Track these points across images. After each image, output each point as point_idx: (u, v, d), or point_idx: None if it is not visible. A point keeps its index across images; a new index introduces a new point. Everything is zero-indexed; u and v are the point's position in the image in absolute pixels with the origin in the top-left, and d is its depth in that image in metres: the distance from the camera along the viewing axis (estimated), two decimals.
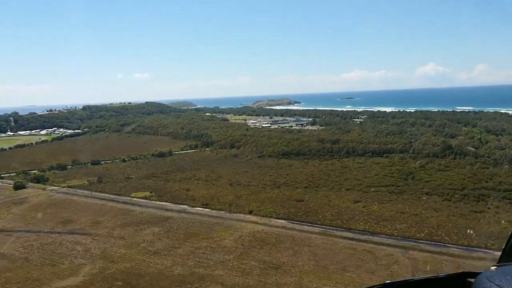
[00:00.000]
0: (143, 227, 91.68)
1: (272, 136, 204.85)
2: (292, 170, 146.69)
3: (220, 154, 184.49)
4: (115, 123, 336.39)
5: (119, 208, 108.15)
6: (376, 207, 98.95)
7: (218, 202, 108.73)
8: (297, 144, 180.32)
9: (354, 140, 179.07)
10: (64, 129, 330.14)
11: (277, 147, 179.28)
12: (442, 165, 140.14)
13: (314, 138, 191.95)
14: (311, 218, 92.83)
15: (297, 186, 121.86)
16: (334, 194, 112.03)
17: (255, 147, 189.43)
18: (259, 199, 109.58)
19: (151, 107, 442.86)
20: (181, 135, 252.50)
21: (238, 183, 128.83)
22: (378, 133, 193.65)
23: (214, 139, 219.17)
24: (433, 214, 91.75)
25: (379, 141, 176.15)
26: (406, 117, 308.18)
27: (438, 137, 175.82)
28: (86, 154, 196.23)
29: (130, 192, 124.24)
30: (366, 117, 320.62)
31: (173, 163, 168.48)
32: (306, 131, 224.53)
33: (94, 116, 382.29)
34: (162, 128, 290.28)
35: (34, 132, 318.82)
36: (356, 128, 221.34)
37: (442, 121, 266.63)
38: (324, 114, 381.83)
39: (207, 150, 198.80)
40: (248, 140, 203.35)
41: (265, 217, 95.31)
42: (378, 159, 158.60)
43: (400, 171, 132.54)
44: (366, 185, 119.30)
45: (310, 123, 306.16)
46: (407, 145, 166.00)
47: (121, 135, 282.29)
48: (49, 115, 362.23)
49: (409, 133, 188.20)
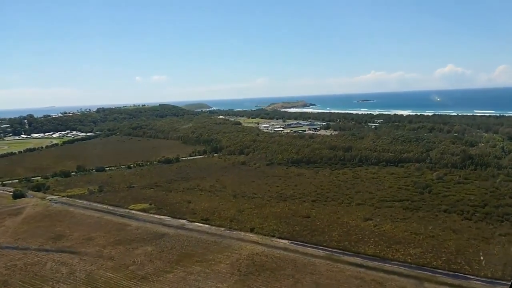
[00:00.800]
0: (136, 246, 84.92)
1: (283, 142, 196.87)
2: (301, 180, 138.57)
3: (228, 161, 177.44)
4: (127, 126, 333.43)
5: (114, 222, 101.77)
6: (388, 226, 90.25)
7: (218, 217, 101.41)
8: (308, 151, 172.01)
9: (368, 148, 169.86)
10: (77, 131, 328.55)
11: (287, 154, 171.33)
12: (461, 176, 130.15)
13: (326, 145, 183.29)
14: (316, 238, 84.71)
15: (304, 200, 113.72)
16: (343, 210, 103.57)
17: (265, 153, 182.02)
18: (262, 214, 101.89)
19: (165, 110, 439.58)
20: (191, 140, 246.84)
21: (242, 195, 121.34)
22: (393, 140, 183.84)
23: (224, 145, 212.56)
24: (451, 237, 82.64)
25: (394, 149, 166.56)
26: (423, 121, 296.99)
27: (457, 146, 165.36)
28: (93, 159, 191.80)
29: (130, 203, 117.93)
30: (382, 122, 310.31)
31: (179, 171, 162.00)
32: (318, 136, 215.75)
33: (107, 118, 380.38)
34: (173, 132, 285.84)
35: (47, 135, 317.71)
36: (370, 134, 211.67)
37: (461, 126, 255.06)
38: (338, 118, 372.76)
39: (215, 156, 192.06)
40: (258, 146, 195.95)
41: (266, 236, 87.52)
42: (393, 169, 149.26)
43: (416, 184, 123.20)
44: (379, 199, 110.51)
45: (324, 127, 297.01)
46: (424, 154, 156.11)
47: (131, 139, 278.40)
48: (63, 118, 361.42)
49: (426, 140, 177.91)
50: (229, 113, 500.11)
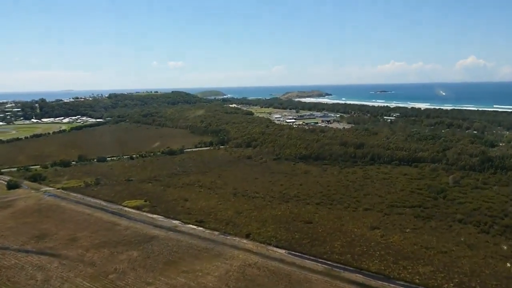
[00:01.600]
0: (121, 250, 78.68)
1: (292, 136, 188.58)
2: (307, 178, 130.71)
3: (234, 155, 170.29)
4: (137, 113, 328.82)
5: (104, 221, 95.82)
6: (396, 237, 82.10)
7: (214, 219, 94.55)
8: (317, 147, 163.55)
9: (381, 145, 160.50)
10: (87, 117, 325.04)
11: (296, 149, 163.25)
12: (479, 181, 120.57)
13: (337, 140, 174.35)
14: (316, 249, 77.17)
15: (308, 202, 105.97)
16: (349, 215, 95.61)
17: (273, 147, 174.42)
18: (261, 217, 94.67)
19: (177, 97, 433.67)
20: (200, 129, 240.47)
21: (243, 194, 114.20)
22: (408, 137, 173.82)
23: (232, 136, 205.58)
24: (466, 253, 74.16)
25: (408, 147, 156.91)
26: (441, 116, 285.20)
27: (476, 146, 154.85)
28: (97, 148, 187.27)
29: (125, 199, 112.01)
30: (398, 115, 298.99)
31: (181, 163, 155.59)
32: (330, 130, 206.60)
33: (118, 104, 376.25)
34: (182, 120, 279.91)
35: (58, 120, 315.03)
36: (384, 129, 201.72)
37: (481, 123, 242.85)
38: (353, 110, 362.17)
39: (221, 149, 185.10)
40: (266, 139, 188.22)
41: (262, 244, 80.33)
42: (406, 169, 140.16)
43: (430, 187, 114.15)
44: (389, 204, 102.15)
45: (337, 120, 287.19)
46: (440, 154, 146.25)
47: (140, 127, 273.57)
48: (74, 103, 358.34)
49: (443, 138, 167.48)
50: (242, 101, 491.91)
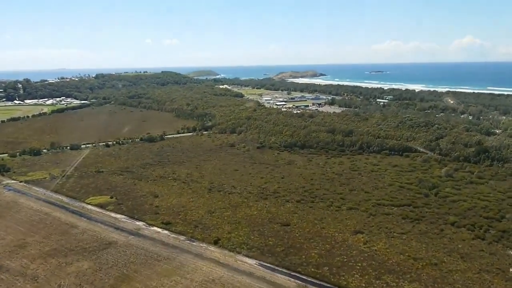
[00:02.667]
0: (72, 260, 69.27)
1: (279, 122, 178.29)
2: (290, 170, 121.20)
3: (216, 142, 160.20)
4: (124, 94, 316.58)
5: (61, 222, 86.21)
6: (382, 244, 73.09)
7: (183, 220, 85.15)
8: (303, 134, 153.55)
9: (371, 133, 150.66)
10: (72, 99, 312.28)
11: (281, 136, 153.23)
12: (475, 174, 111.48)
13: (325, 126, 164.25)
14: (290, 260, 68.06)
15: (288, 199, 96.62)
16: (331, 216, 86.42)
17: (258, 134, 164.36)
18: (235, 218, 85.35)
19: (167, 77, 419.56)
20: (185, 113, 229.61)
21: (219, 188, 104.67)
22: (400, 123, 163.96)
23: (217, 121, 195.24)
24: (458, 266, 65.30)
25: (399, 135, 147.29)
26: (436, 99, 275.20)
27: (472, 134, 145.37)
28: (74, 134, 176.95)
29: (90, 194, 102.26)
30: (391, 98, 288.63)
31: (159, 152, 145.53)
32: (319, 115, 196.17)
33: (105, 85, 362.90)
34: (169, 103, 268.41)
35: (41, 101, 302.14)
36: (376, 114, 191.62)
37: (477, 107, 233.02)
38: (346, 91, 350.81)
39: (204, 135, 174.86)
40: (252, 125, 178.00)
41: (231, 253, 71.14)
42: (396, 159, 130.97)
43: (421, 182, 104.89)
44: (375, 203, 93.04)
45: (329, 102, 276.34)
46: (433, 143, 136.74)
47: (124, 109, 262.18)
48: (59, 83, 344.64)
49: (436, 125, 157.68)
50: (234, 82, 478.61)
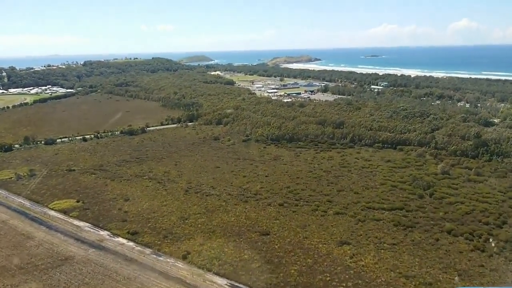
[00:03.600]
0: (18, 282, 60.62)
1: (267, 112, 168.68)
2: (276, 167, 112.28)
3: (200, 134, 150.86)
4: (112, 82, 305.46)
5: (17, 232, 77.31)
6: (370, 257, 64.68)
7: (152, 229, 76.41)
8: (292, 126, 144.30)
9: (363, 124, 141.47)
10: (58, 87, 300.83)
11: (268, 129, 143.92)
12: (473, 171, 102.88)
13: (316, 117, 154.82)
14: (266, 279, 59.61)
15: (270, 202, 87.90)
16: (315, 223, 77.86)
17: (244, 126, 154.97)
18: (209, 226, 76.68)
19: (157, 64, 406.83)
20: (172, 102, 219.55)
21: (197, 190, 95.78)
22: (394, 113, 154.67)
23: (204, 111, 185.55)
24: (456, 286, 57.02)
25: (393, 126, 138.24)
26: (431, 86, 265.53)
27: (469, 125, 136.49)
28: (52, 126, 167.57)
29: (55, 198, 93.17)
30: (386, 84, 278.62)
31: (138, 147, 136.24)
32: (309, 104, 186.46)
33: (93, 73, 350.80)
34: (157, 91, 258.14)
35: (26, 90, 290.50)
36: (369, 103, 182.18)
37: (474, 94, 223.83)
38: (340, 77, 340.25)
39: (189, 127, 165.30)
40: (239, 115, 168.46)
41: (201, 270, 62.61)
42: (390, 153, 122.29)
43: (415, 180, 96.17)
44: (365, 205, 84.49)
45: (322, 89, 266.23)
46: (428, 136, 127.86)
47: (110, 98, 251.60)
48: (45, 71, 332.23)
49: (432, 116, 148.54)
50: (227, 68, 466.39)
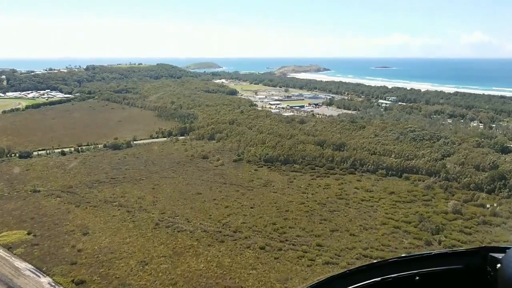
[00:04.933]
0: None
1: (264, 128, 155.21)
2: (264, 195, 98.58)
3: (189, 151, 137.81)
4: (113, 88, 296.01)
5: None
6: None
7: (103, 277, 63.11)
8: (288, 145, 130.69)
9: (365, 147, 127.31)
10: (57, 92, 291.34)
11: (262, 148, 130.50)
12: (489, 211, 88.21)
13: (315, 137, 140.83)
14: None
15: (250, 243, 74.21)
16: (299, 275, 64.11)
17: (238, 142, 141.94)
18: (172, 276, 63.22)
19: (161, 70, 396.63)
20: (168, 112, 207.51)
21: (169, 223, 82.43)
22: (401, 135, 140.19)
23: (198, 124, 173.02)
24: None
25: (399, 150, 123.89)
26: (442, 102, 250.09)
27: (484, 151, 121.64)
28: (35, 136, 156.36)
29: (5, 227, 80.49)
30: (394, 100, 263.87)
31: (118, 164, 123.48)
32: (310, 121, 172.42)
33: (95, 77, 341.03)
34: (155, 100, 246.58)
35: (23, 94, 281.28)
36: (375, 121, 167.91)
37: (488, 113, 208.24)
38: (347, 90, 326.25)
39: (179, 141, 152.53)
40: (234, 130, 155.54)
41: None
42: (394, 182, 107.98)
43: (422, 221, 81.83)
44: (360, 253, 70.46)
45: (327, 103, 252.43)
46: (438, 163, 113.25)
47: (106, 106, 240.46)
48: (45, 75, 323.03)
49: (443, 139, 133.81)
50: (233, 76, 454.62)
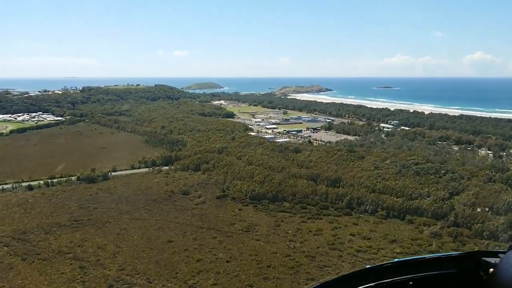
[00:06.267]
0: None
1: (254, 159, 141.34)
2: (244, 245, 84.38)
3: (171, 184, 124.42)
4: (107, 110, 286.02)
5: None
6: None
7: None
8: (278, 180, 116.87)
9: (363, 183, 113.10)
10: (49, 114, 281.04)
11: (248, 183, 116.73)
12: None
13: (308, 170, 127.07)
14: None
15: None
16: None
17: (225, 174, 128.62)
18: None
19: (159, 91, 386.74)
20: (157, 138, 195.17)
21: (124, 284, 68.30)
22: (403, 168, 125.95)
23: (185, 152, 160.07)
24: None
25: (401, 187, 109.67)
26: (447, 127, 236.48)
27: (496, 189, 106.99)
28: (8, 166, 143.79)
29: None
30: (397, 123, 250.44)
31: (88, 202, 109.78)
32: (305, 150, 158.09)
33: (90, 99, 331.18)
34: (147, 123, 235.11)
35: (14, 116, 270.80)
36: (375, 151, 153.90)
37: (497, 139, 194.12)
38: (348, 112, 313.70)
39: (162, 172, 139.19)
40: (222, 160, 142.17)
41: None
42: (396, 227, 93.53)
43: None
44: None
45: (325, 127, 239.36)
46: (445, 204, 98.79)
47: (95, 130, 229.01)
48: (38, 97, 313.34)
49: (450, 173, 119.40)
50: (232, 97, 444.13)
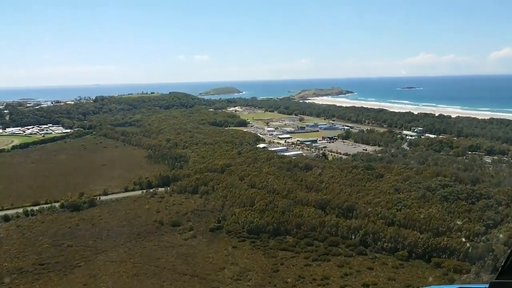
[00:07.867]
0: None
1: (258, 180, 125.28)
2: None
3: (162, 212, 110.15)
4: (118, 120, 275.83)
5: None
6: None
7: None
8: (281, 207, 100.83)
9: (380, 213, 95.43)
10: (59, 126, 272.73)
11: (247, 212, 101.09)
12: None
13: (318, 194, 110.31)
14: None
15: None
16: None
17: (224, 198, 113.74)
18: None
19: (173, 99, 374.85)
20: (161, 152, 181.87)
21: None
22: (428, 191, 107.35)
23: (185, 171, 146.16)
24: None
25: (426, 218, 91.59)
26: (477, 133, 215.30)
27: None
28: None
29: None
30: (421, 130, 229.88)
31: (65, 236, 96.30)
32: (317, 167, 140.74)
33: (102, 109, 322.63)
34: (154, 135, 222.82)
35: (22, 129, 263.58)
36: (395, 167, 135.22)
37: None
38: (368, 118, 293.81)
39: (157, 195, 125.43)
40: (222, 182, 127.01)
41: None
42: (420, 273, 76.02)
43: None
44: None
45: (343, 135, 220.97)
46: (481, 242, 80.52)
47: (100, 143, 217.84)
48: (49, 108, 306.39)
49: (485, 198, 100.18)
50: (248, 103, 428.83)
